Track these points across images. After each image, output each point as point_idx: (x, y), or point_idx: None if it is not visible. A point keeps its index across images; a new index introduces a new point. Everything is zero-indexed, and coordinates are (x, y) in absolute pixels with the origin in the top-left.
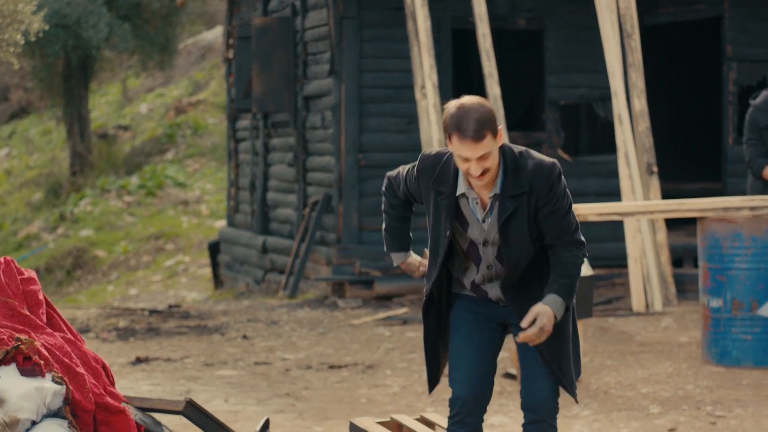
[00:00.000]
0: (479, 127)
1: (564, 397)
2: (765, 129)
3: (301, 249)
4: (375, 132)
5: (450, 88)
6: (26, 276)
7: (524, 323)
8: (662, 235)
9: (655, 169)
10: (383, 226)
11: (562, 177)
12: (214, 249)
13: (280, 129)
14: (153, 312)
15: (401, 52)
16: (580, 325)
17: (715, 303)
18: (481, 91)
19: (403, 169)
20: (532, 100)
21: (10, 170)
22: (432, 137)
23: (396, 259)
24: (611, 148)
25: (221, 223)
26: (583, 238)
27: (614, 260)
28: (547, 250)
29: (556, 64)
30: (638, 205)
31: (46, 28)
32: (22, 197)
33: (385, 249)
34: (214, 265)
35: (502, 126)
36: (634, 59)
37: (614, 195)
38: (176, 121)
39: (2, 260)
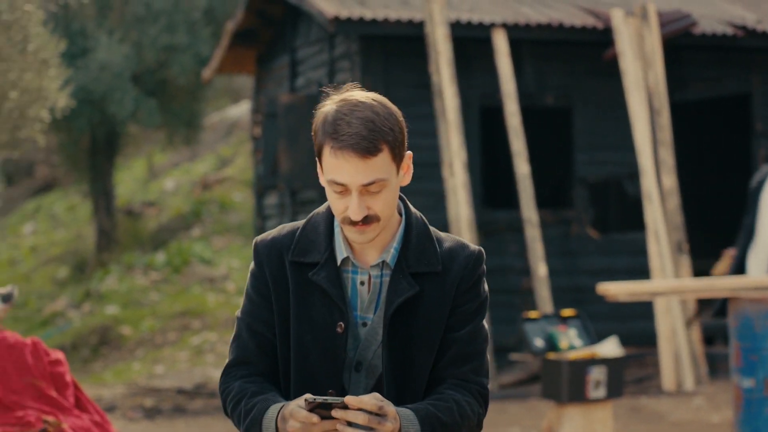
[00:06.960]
0: (370, 134)
1: None
2: None
3: None
4: None
5: (478, 166)
6: (53, 358)
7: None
8: (693, 313)
9: (685, 247)
10: (240, 414)
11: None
12: None
13: (308, 206)
14: (180, 391)
15: (428, 129)
16: (611, 404)
17: (747, 383)
18: (509, 168)
19: (243, 310)
20: (561, 178)
21: (35, 247)
22: (459, 215)
23: (272, 414)
24: (640, 225)
25: None
26: (488, 387)
27: (644, 338)
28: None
29: (585, 141)
30: (669, 285)
31: (73, 105)
32: (47, 274)
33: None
34: None
35: (410, 153)
36: (663, 136)
37: (643, 273)
38: (202, 197)
39: (30, 341)
